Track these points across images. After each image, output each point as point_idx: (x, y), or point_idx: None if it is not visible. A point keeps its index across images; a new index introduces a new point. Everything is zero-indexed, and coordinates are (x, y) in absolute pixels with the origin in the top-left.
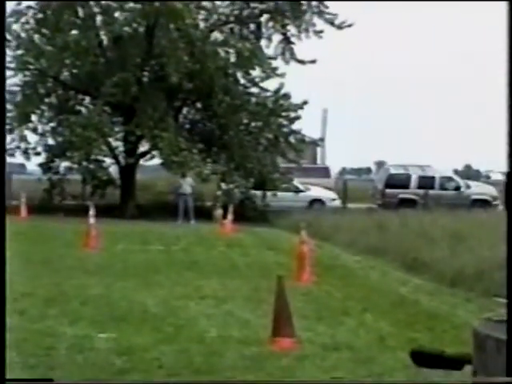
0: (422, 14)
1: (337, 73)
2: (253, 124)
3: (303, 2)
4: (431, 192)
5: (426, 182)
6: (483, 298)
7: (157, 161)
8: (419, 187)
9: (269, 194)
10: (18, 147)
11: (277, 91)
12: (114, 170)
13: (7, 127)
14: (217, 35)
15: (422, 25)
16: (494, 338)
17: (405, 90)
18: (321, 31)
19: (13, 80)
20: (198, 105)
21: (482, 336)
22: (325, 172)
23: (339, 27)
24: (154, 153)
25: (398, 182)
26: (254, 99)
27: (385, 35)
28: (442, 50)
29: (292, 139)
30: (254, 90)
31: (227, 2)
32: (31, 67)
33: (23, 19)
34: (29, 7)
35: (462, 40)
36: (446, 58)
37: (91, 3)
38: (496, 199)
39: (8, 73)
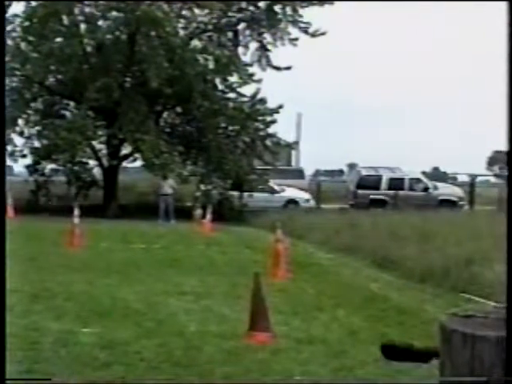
0: (397, 18)
1: (311, 79)
2: (230, 128)
3: (279, 11)
4: (401, 193)
5: (396, 184)
6: (451, 294)
7: (138, 163)
8: (389, 188)
9: (246, 194)
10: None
11: (253, 96)
12: (97, 172)
13: None
14: (196, 43)
15: (394, 28)
16: (460, 332)
17: (376, 95)
18: (295, 39)
19: None
20: (178, 109)
21: (449, 330)
22: (299, 174)
23: (313, 35)
24: (136, 155)
25: (368, 183)
26: (231, 104)
27: (356, 40)
28: (415, 49)
29: (268, 142)
30: (232, 95)
31: (206, 11)
32: (17, 73)
33: (10, 27)
34: (15, 15)
35: (448, 41)
36: (419, 60)
37: (76, 12)
38: (462, 200)
39: None
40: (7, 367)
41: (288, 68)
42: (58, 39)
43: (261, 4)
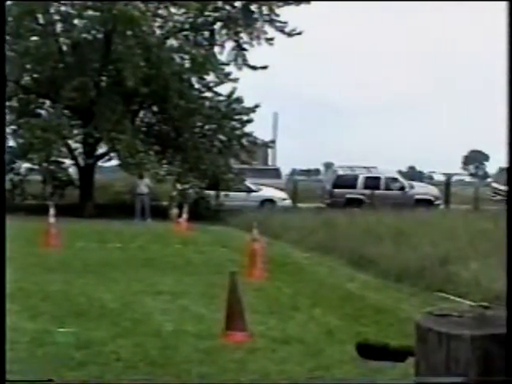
0: (374, 18)
1: (287, 78)
2: (207, 127)
3: (255, 10)
4: (377, 192)
5: (372, 183)
6: (426, 293)
7: (114, 162)
8: (365, 187)
9: (222, 193)
10: None
11: (229, 95)
12: (73, 171)
13: None
14: (172, 42)
15: (372, 28)
16: (436, 331)
17: (352, 95)
18: (272, 38)
19: None
20: (154, 108)
21: (424, 329)
22: (276, 173)
23: (289, 35)
24: (112, 154)
25: (345, 182)
26: (207, 103)
27: (333, 40)
28: (392, 49)
29: (244, 141)
30: (208, 94)
31: (182, 10)
32: None
33: None
34: None
35: (429, 41)
36: (396, 60)
37: (51, 11)
38: (438, 199)
39: None
40: None
41: (264, 67)
42: (34, 38)
43: (237, 3)
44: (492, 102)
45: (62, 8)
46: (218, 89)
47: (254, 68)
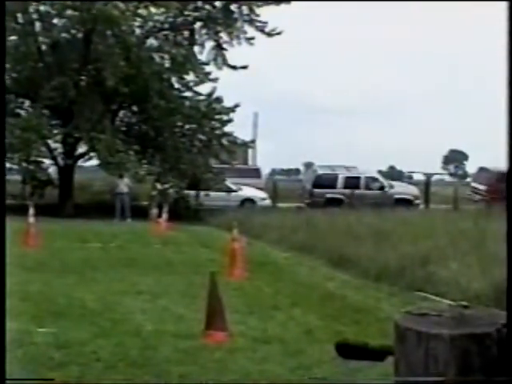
0: (355, 18)
1: (267, 78)
2: (187, 126)
3: (235, 10)
4: (357, 192)
5: (352, 182)
6: (406, 293)
7: (94, 162)
8: (345, 187)
9: (202, 193)
10: None
11: (209, 95)
12: (52, 171)
13: None
14: (152, 41)
15: (352, 29)
16: (415, 330)
17: (332, 95)
18: (252, 38)
19: None
20: (134, 108)
21: (403, 329)
22: (256, 173)
23: (269, 34)
24: (92, 154)
25: (325, 182)
26: (187, 103)
27: (313, 40)
28: (371, 50)
29: (224, 141)
30: (188, 93)
31: (162, 10)
32: None
33: None
34: None
35: (404, 41)
36: (375, 61)
37: (30, 10)
38: (417, 198)
39: None
40: None
41: (244, 67)
42: (13, 37)
43: (217, 3)
44: (474, 102)
45: (41, 7)
46: (197, 88)
47: (233, 68)
